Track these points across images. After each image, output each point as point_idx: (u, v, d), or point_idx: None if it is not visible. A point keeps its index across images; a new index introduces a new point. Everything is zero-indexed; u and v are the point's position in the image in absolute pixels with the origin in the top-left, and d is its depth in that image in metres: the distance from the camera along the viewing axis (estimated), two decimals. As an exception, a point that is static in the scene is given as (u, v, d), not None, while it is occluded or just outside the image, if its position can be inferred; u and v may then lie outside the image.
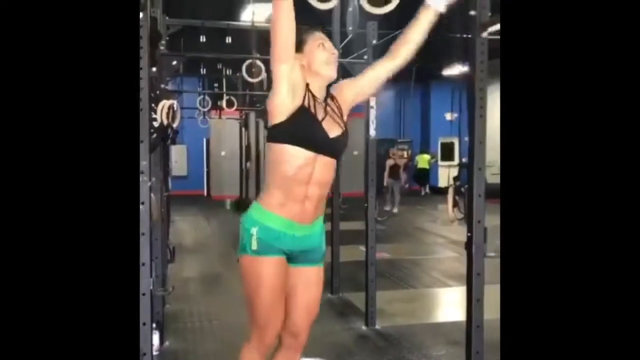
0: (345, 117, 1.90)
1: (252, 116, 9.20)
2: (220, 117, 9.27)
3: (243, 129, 10.19)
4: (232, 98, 7.42)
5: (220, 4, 7.44)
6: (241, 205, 10.29)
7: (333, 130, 1.83)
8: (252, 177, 8.89)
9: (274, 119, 1.80)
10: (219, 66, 8.23)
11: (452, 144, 13.78)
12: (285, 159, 1.79)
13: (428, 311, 4.18)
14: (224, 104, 7.38)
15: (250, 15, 5.96)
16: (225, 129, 11.27)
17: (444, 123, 13.12)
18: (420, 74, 12.13)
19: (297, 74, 1.80)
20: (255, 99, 8.04)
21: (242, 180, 10.47)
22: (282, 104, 1.77)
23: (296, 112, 1.78)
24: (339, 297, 4.20)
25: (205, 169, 13.85)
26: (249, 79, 4.54)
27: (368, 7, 2.14)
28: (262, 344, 1.87)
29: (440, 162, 14.41)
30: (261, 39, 6.34)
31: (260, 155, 8.33)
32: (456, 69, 10.18)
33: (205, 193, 13.55)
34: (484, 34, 2.19)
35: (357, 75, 1.99)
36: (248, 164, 9.60)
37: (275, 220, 1.80)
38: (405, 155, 13.68)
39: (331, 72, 1.86)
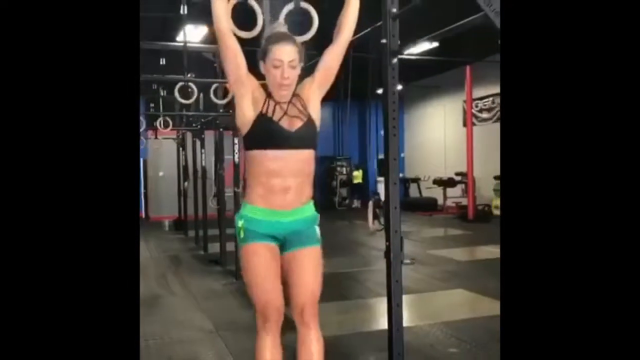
0: (311, 110, 2.02)
1: (188, 136, 9.17)
2: (156, 138, 9.19)
3: (180, 148, 10.12)
4: (168, 119, 7.41)
5: (154, 26, 7.45)
6: (180, 225, 10.19)
7: (294, 124, 1.98)
8: (191, 196, 8.82)
9: (242, 132, 2.00)
10: (154, 87, 8.19)
11: (388, 160, 14.16)
12: (257, 162, 1.96)
13: (360, 321, 4.33)
14: (159, 124, 7.35)
15: (185, 37, 6.01)
16: (163, 150, 11.15)
17: (381, 140, 13.50)
18: (357, 93, 12.49)
19: (256, 90, 1.98)
20: (191, 118, 8.04)
21: (180, 201, 10.36)
22: (245, 118, 1.97)
23: (255, 120, 1.96)
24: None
25: (143, 191, 13.55)
26: (182, 101, 4.59)
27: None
28: (267, 324, 1.97)
29: (378, 178, 14.78)
30: (194, 60, 6.41)
31: (197, 175, 8.30)
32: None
33: (143, 215, 13.25)
34: (394, 60, 2.40)
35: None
36: (186, 184, 9.53)
37: (256, 212, 1.98)
38: (344, 172, 14.03)
39: (281, 98, 1.98)
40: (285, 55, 1.93)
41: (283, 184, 1.94)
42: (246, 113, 1.97)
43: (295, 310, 2.02)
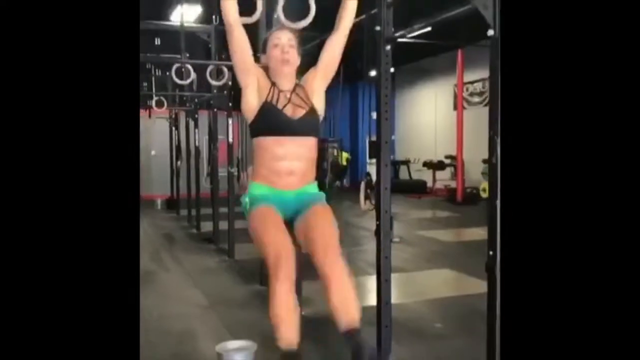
0: (314, 99, 2.18)
1: (182, 115, 9.20)
2: (150, 117, 9.21)
3: (173, 128, 10.14)
4: (162, 98, 7.45)
5: (148, 5, 7.43)
6: (172, 204, 10.26)
7: (297, 112, 2.13)
8: (183, 176, 8.89)
9: (248, 120, 2.16)
10: (148, 66, 8.20)
11: (379, 142, 14.25)
12: (263, 148, 2.12)
13: (351, 297, 4.46)
14: (153, 103, 7.39)
15: (180, 17, 6.03)
16: (155, 128, 11.16)
17: (371, 122, 13.55)
18: (348, 75, 12.51)
19: (261, 77, 2.12)
20: (185, 98, 8.07)
21: (172, 180, 10.42)
22: (250, 106, 2.12)
23: (260, 108, 2.11)
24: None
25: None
26: (179, 82, 4.66)
27: (286, 22, 2.22)
28: (280, 273, 1.92)
29: (368, 160, 14.90)
30: (190, 41, 6.43)
31: (190, 154, 8.36)
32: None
33: (134, 193, 13.29)
34: (388, 47, 2.50)
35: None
36: (178, 163, 9.59)
37: (261, 189, 2.14)
38: (335, 153, 14.16)
39: (285, 78, 2.14)
40: (283, 35, 2.14)
41: (288, 167, 2.10)
42: (251, 102, 2.11)
43: (318, 257, 1.97)
